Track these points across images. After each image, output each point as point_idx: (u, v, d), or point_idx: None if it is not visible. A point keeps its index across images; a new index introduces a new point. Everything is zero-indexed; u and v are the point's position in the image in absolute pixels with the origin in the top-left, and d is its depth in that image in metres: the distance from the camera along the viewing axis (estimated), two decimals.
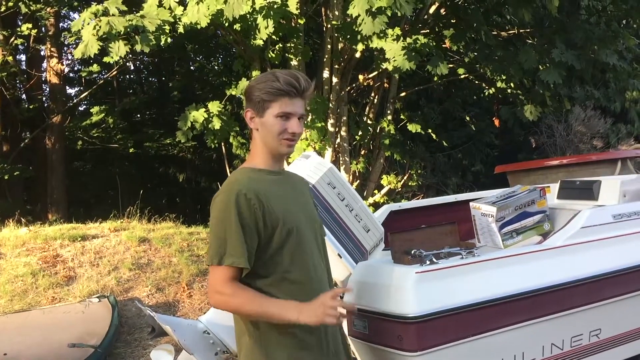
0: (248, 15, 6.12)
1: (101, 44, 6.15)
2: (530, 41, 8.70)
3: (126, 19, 6.12)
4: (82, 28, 6.27)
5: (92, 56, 6.27)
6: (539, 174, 6.07)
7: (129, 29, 6.14)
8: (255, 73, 7.62)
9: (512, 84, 9.18)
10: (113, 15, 6.16)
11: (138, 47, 6.27)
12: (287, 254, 2.17)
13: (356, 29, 6.20)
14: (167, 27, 6.43)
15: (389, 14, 5.91)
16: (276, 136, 2.18)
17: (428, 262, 2.75)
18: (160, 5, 6.54)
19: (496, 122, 11.69)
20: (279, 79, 2.15)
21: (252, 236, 2.12)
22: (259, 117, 2.19)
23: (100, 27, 6.01)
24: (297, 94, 2.17)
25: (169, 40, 6.61)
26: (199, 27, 6.35)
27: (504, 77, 9.02)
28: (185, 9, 6.47)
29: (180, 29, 6.58)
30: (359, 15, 5.94)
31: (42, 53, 12.99)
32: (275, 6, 6.05)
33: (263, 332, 2.16)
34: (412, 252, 2.83)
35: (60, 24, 13.02)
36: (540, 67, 7.79)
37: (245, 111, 2.25)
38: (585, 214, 3.29)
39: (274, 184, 2.22)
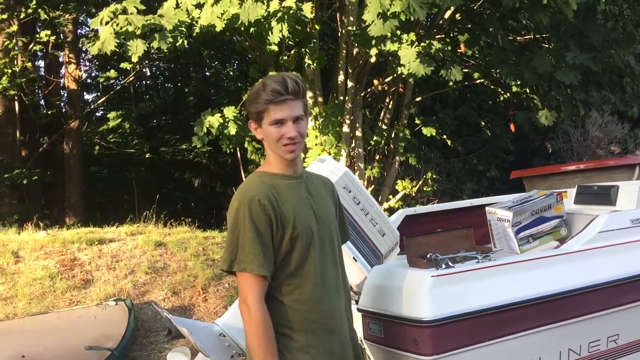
0: (263, 20, 6.16)
1: (118, 41, 6.22)
2: (546, 46, 8.66)
3: (144, 18, 6.20)
4: (99, 27, 6.35)
5: (109, 54, 6.33)
6: (555, 179, 6.01)
7: (146, 28, 6.21)
8: None
9: (527, 89, 9.13)
10: (131, 14, 6.23)
11: (155, 44, 6.34)
12: (294, 259, 2.20)
13: (367, 31, 6.22)
14: (183, 28, 6.50)
15: (403, 19, 5.92)
16: (276, 143, 2.21)
17: (444, 266, 2.74)
18: (177, 7, 6.61)
19: (512, 128, 11.62)
20: (266, 88, 2.17)
21: (268, 241, 2.15)
22: (259, 127, 2.24)
23: (118, 24, 6.09)
24: (285, 98, 2.17)
25: (185, 42, 6.67)
26: (214, 30, 6.40)
27: (519, 82, 8.98)
28: (202, 12, 6.53)
29: (197, 30, 6.63)
30: (373, 21, 5.97)
31: (60, 59, 13.17)
32: (290, 11, 6.08)
33: None
34: (428, 256, 2.82)
35: (79, 31, 13.21)
36: (555, 75, 7.74)
37: (249, 123, 2.30)
38: (602, 218, 3.26)
39: (286, 189, 2.24)
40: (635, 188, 3.86)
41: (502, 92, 10.34)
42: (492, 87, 10.46)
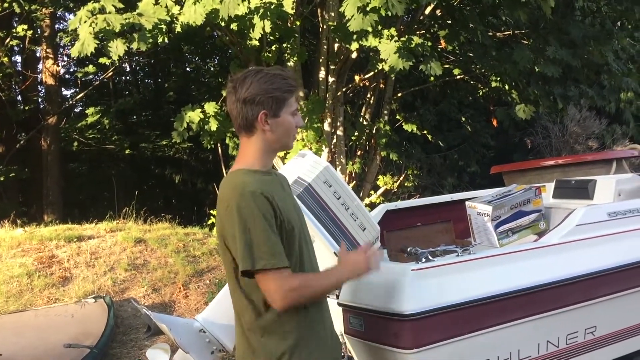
0: (244, 15, 6.12)
1: (98, 42, 6.13)
2: (525, 42, 8.73)
3: (123, 17, 6.12)
4: (79, 26, 6.26)
5: (89, 55, 6.24)
6: (534, 174, 6.06)
7: (125, 27, 6.13)
8: None
9: (506, 86, 9.21)
10: (110, 12, 6.15)
11: (135, 45, 6.26)
12: (294, 253, 2.17)
13: (347, 26, 6.22)
14: (163, 26, 6.42)
15: (383, 14, 5.93)
16: (289, 133, 2.23)
17: (424, 260, 2.76)
18: (156, 3, 6.53)
19: (494, 122, 11.70)
20: (288, 77, 2.19)
21: (276, 233, 2.12)
22: (273, 117, 2.17)
23: (96, 24, 6.00)
24: (297, 88, 2.27)
25: (166, 39, 6.60)
26: (194, 24, 6.35)
27: (498, 78, 9.05)
28: (181, 9, 6.47)
29: (178, 28, 6.57)
30: (353, 15, 5.97)
31: (37, 54, 12.97)
32: (271, 7, 6.05)
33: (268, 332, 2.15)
34: (408, 250, 2.84)
35: (56, 25, 13.03)
36: (535, 67, 7.82)
37: (259, 114, 2.16)
38: (580, 212, 3.30)
39: (272, 184, 2.21)
40: (612, 182, 3.92)
41: (482, 88, 10.41)
42: (472, 82, 10.52)
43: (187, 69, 15.78)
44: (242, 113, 2.18)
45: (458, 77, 10.00)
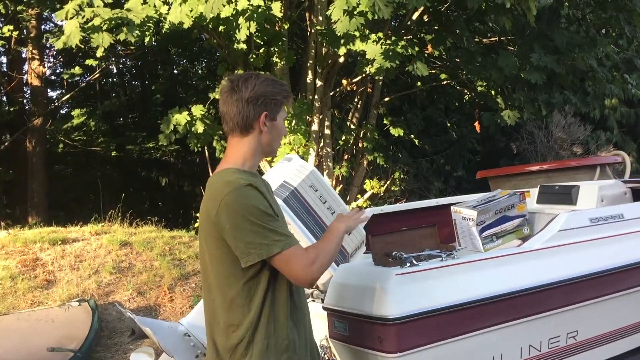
0: (231, 17, 6.13)
1: (83, 35, 6.08)
2: (511, 48, 8.81)
3: (111, 12, 6.09)
4: (65, 18, 6.21)
5: (74, 48, 6.17)
6: (519, 179, 6.10)
7: (113, 23, 6.10)
8: None
9: (492, 91, 9.29)
10: (98, 7, 6.12)
11: (122, 37, 6.21)
12: None
13: (334, 30, 6.24)
14: (151, 24, 6.41)
15: (370, 18, 5.96)
16: (280, 138, 2.30)
17: (408, 264, 2.77)
18: (144, 2, 6.52)
19: (477, 127, 11.79)
20: (283, 84, 2.27)
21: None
22: (271, 120, 2.23)
23: (83, 16, 5.96)
24: None
25: (153, 39, 6.58)
26: (182, 27, 6.34)
27: (484, 83, 9.12)
28: (169, 9, 6.46)
29: (166, 26, 6.55)
30: (339, 18, 6.00)
31: (23, 55, 12.87)
32: (259, 9, 6.06)
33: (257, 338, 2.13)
34: (393, 254, 2.84)
35: (42, 26, 12.93)
36: (521, 74, 7.90)
37: (261, 114, 2.19)
38: (562, 217, 3.34)
39: (261, 184, 2.23)
40: (595, 188, 3.97)
41: (468, 93, 10.48)
42: (458, 87, 10.58)
43: (175, 71, 15.72)
44: (243, 112, 2.18)
45: (445, 82, 10.06)
